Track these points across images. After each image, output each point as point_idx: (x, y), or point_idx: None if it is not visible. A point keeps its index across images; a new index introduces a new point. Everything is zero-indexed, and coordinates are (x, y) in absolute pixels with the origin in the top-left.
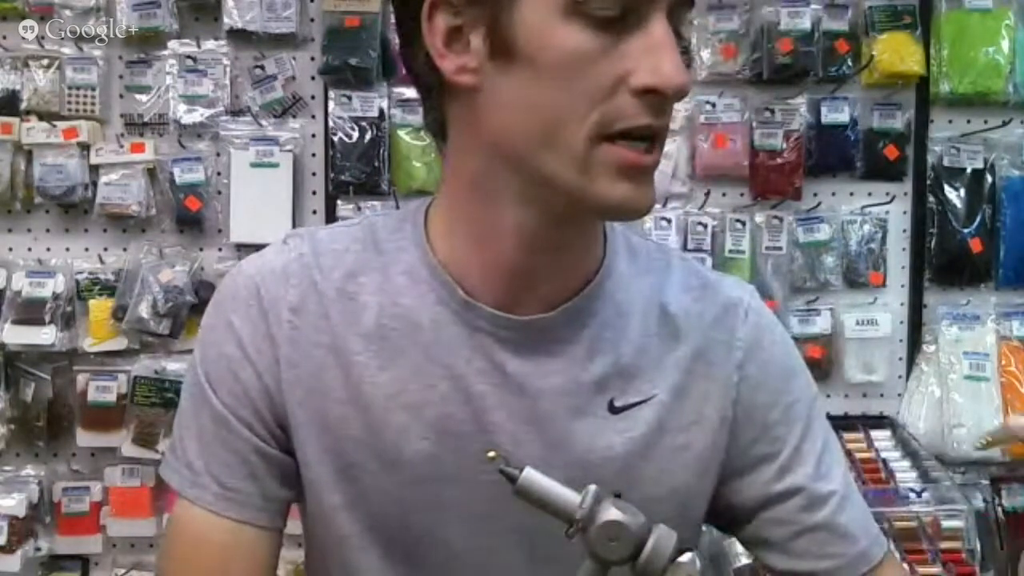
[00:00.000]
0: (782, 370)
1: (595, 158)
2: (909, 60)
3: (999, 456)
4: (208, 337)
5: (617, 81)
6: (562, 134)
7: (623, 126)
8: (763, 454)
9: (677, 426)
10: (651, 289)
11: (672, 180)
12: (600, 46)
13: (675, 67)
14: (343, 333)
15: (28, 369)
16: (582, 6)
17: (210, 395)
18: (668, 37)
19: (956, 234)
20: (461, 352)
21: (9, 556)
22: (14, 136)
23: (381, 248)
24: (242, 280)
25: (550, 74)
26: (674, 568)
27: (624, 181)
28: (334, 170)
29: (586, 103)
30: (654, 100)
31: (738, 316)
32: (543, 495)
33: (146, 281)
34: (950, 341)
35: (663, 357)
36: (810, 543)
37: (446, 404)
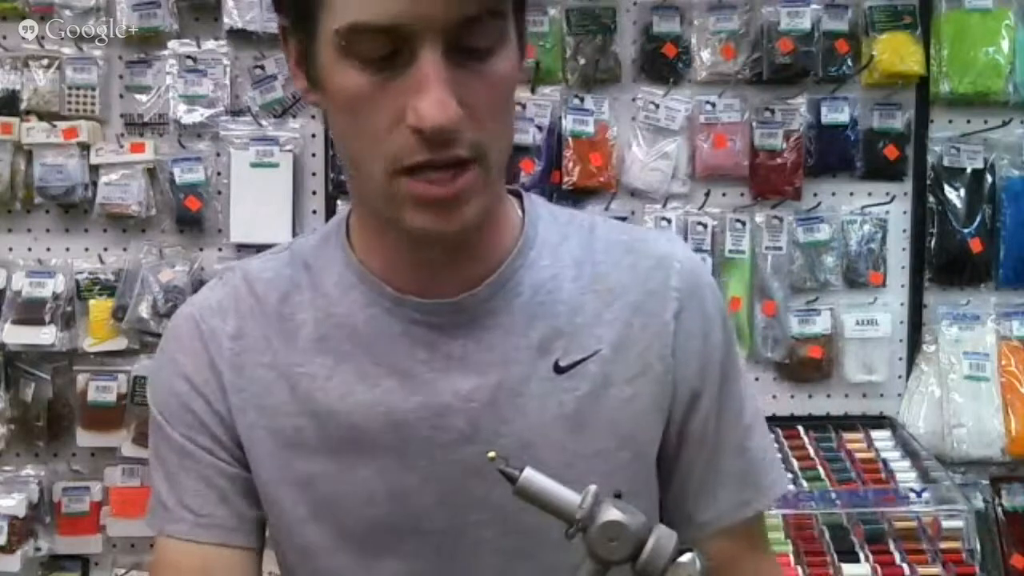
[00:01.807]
0: (713, 317)
1: (395, 191)
2: (909, 60)
3: (999, 456)
4: (157, 378)
5: (396, 119)
6: (364, 166)
7: (407, 163)
8: (690, 396)
9: (623, 378)
10: (579, 249)
11: (672, 180)
12: (372, 85)
13: (433, 105)
14: (285, 351)
15: (28, 369)
16: (346, 48)
17: (169, 431)
18: (432, 72)
19: (956, 234)
20: (401, 346)
21: (9, 556)
22: (14, 136)
23: (309, 266)
24: (181, 320)
25: (340, 112)
26: (674, 568)
27: (425, 212)
28: (334, 170)
29: (372, 141)
30: (429, 137)
31: (672, 268)
32: (543, 495)
33: (146, 281)
34: (950, 341)
35: (601, 313)
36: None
37: (394, 398)
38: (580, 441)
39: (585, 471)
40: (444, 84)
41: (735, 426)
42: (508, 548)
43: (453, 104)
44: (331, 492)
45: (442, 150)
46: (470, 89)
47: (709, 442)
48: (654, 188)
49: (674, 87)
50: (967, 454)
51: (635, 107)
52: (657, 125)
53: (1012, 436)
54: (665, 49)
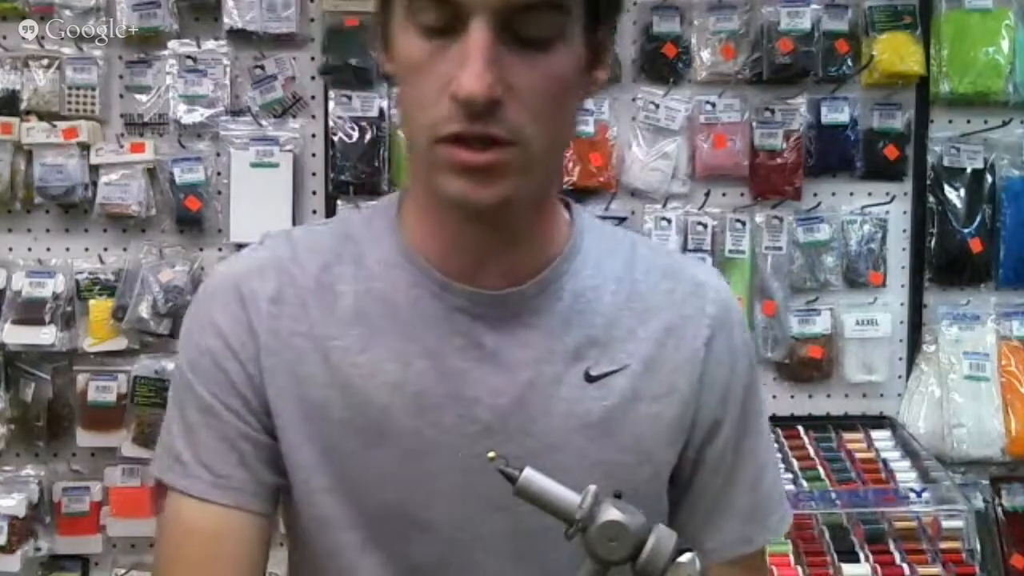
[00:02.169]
0: (740, 349)
1: (434, 157)
2: (909, 60)
3: (999, 456)
4: (190, 334)
5: (442, 87)
6: (413, 135)
7: (444, 131)
8: (710, 424)
9: (650, 395)
10: (621, 267)
11: (672, 180)
12: (428, 52)
13: (472, 76)
14: (322, 321)
15: (28, 369)
16: (412, 14)
17: (197, 388)
18: (477, 45)
19: (956, 234)
20: (438, 330)
21: (9, 556)
22: (14, 136)
23: (355, 240)
24: (220, 279)
25: (401, 79)
26: (674, 568)
27: (460, 178)
28: (334, 170)
29: (421, 107)
30: (463, 106)
31: (707, 296)
32: (543, 495)
33: (146, 281)
34: (950, 341)
35: (635, 329)
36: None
37: (425, 381)
38: (603, 450)
39: (604, 481)
40: (486, 58)
41: (750, 461)
42: (516, 546)
43: (490, 79)
44: (351, 467)
45: (477, 123)
46: (517, 73)
47: (723, 473)
48: (654, 188)
49: (674, 87)
50: (967, 454)
51: (635, 107)
52: (657, 125)
53: (1012, 436)
54: (665, 49)
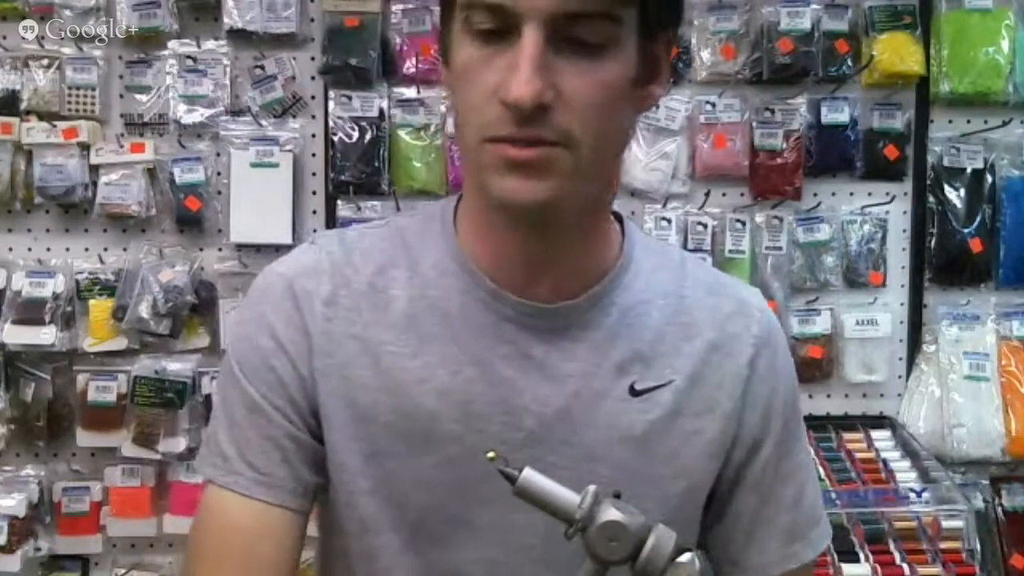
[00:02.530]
0: (783, 369)
1: (482, 156)
2: (909, 60)
3: (999, 456)
4: (241, 331)
5: (494, 91)
6: (464, 138)
7: (494, 133)
8: (752, 442)
9: (692, 411)
10: (669, 282)
11: (672, 180)
12: (482, 57)
13: (521, 81)
14: (374, 324)
15: (28, 369)
16: (467, 22)
17: (245, 385)
18: (527, 51)
19: (956, 234)
20: (488, 339)
21: (9, 556)
22: (14, 136)
23: (409, 245)
24: (274, 277)
25: (456, 83)
26: (674, 568)
27: (509, 175)
28: (334, 170)
29: (471, 111)
30: (512, 110)
31: (752, 315)
32: (542, 495)
33: (146, 281)
34: (950, 341)
35: (680, 345)
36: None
37: (473, 388)
38: (642, 464)
39: (641, 494)
40: (535, 64)
41: (792, 479)
42: (551, 555)
43: (538, 84)
44: (395, 471)
45: (526, 126)
46: (568, 79)
47: (764, 491)
48: (654, 188)
49: (674, 87)
50: (967, 454)
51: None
52: (657, 125)
53: (1012, 436)
54: None
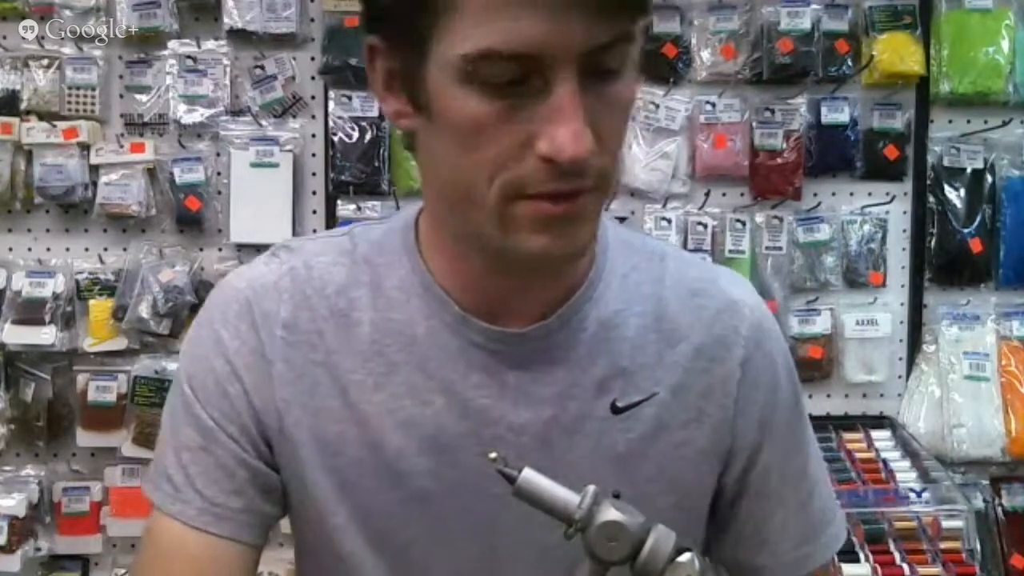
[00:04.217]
0: (780, 368)
1: (511, 214)
2: (909, 60)
3: (999, 456)
4: (195, 351)
5: (523, 145)
6: (475, 193)
7: (532, 191)
8: (752, 447)
9: (677, 423)
10: (648, 286)
11: (672, 180)
12: (499, 112)
13: (572, 137)
14: (338, 350)
15: (28, 369)
16: (473, 74)
17: (197, 409)
18: (570, 101)
19: (956, 234)
20: (457, 366)
21: (9, 556)
22: (14, 136)
23: (372, 261)
24: (232, 293)
25: (455, 137)
26: (673, 568)
27: (540, 233)
28: (334, 170)
29: (492, 167)
30: (556, 166)
31: (741, 314)
32: (542, 496)
33: (146, 281)
34: (950, 341)
35: (663, 354)
36: (757, 536)
37: (443, 419)
38: (625, 483)
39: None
40: (581, 114)
41: (799, 481)
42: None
43: (589, 136)
44: (369, 505)
45: (572, 180)
46: (599, 116)
47: (771, 496)
48: (654, 188)
49: (674, 87)
50: (967, 454)
51: (635, 107)
52: (657, 125)
53: (1012, 436)
54: (665, 49)
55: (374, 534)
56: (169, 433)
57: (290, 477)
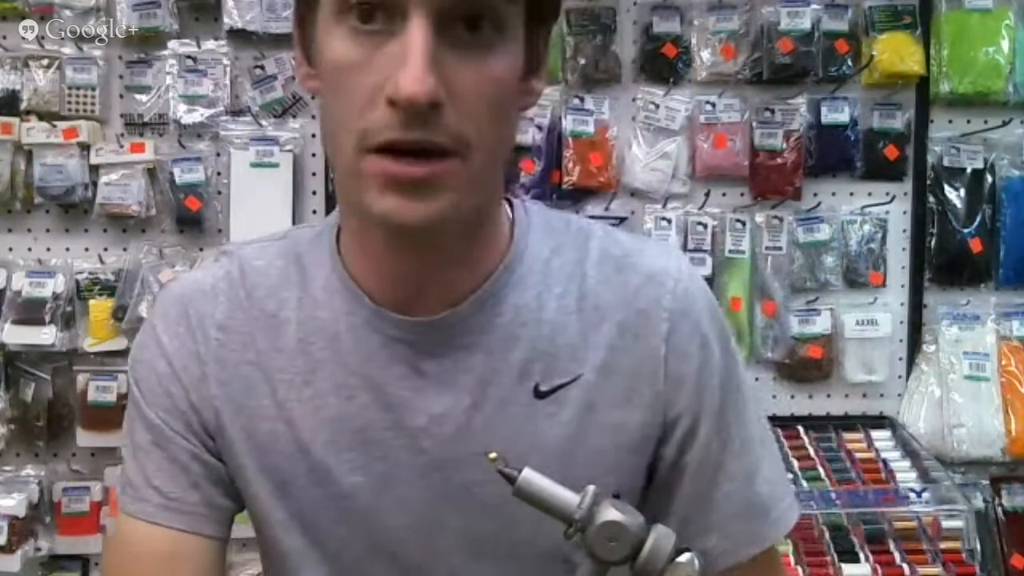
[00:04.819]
0: (710, 337)
1: (361, 169)
2: (909, 60)
3: (999, 456)
4: (140, 355)
5: (375, 90)
6: (339, 144)
7: (377, 140)
8: (687, 422)
9: (608, 404)
10: (571, 265)
11: (672, 180)
12: (361, 54)
13: (413, 77)
14: (268, 351)
15: (28, 369)
16: (339, 16)
17: (145, 410)
18: (417, 43)
19: (956, 234)
20: (378, 360)
21: (9, 556)
22: (14, 136)
23: (302, 263)
24: (171, 298)
25: (327, 82)
26: (673, 568)
27: (391, 194)
28: (334, 170)
29: (351, 114)
30: (401, 112)
31: (664, 285)
32: (542, 496)
33: (146, 281)
34: (950, 341)
35: (586, 334)
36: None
37: (367, 414)
38: (561, 470)
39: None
40: (426, 57)
41: (740, 455)
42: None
43: (432, 79)
44: (304, 503)
45: (417, 130)
46: (460, 77)
47: (710, 472)
48: (654, 188)
49: (674, 87)
50: (967, 454)
51: (635, 107)
52: (657, 125)
53: (1012, 436)
54: (665, 49)
55: (310, 532)
56: (127, 437)
57: (233, 475)
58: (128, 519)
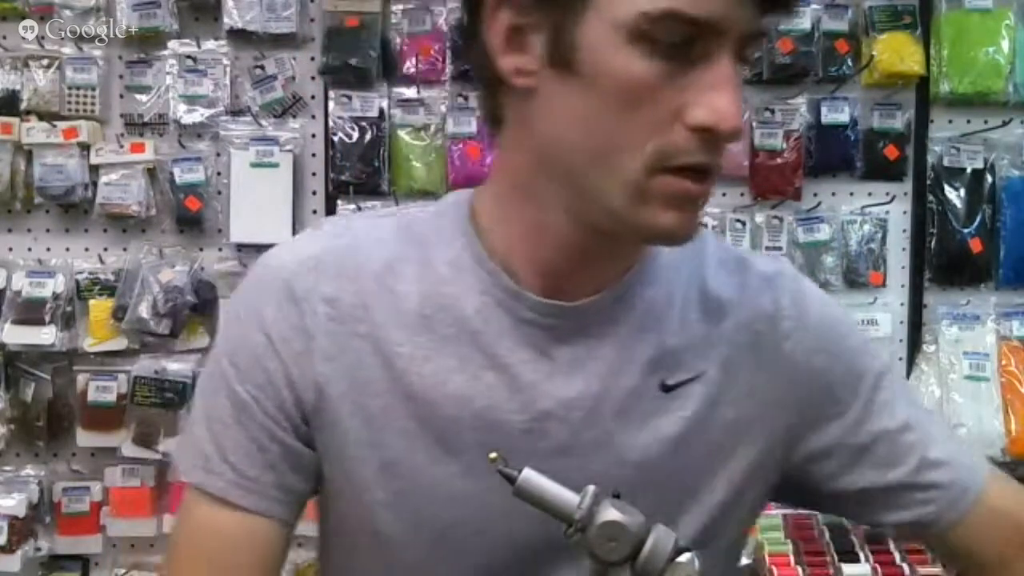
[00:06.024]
0: (833, 331)
1: (651, 187)
2: (909, 60)
3: (999, 456)
4: (234, 325)
5: (674, 113)
6: (617, 159)
7: (679, 162)
8: (832, 415)
9: (729, 399)
10: (691, 270)
11: None
12: (661, 75)
13: (732, 107)
14: (383, 323)
15: (28, 369)
16: (648, 32)
17: (234, 383)
18: (731, 75)
19: (956, 234)
20: (507, 341)
21: (9, 556)
22: (14, 136)
23: (421, 239)
24: (274, 268)
25: (608, 98)
26: (673, 568)
27: (673, 210)
28: (334, 170)
29: (643, 133)
30: (708, 137)
31: (780, 287)
32: (542, 495)
33: (146, 281)
34: (950, 341)
35: (709, 334)
36: (902, 491)
37: (493, 394)
38: (680, 463)
39: (680, 493)
40: (739, 88)
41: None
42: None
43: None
44: (412, 481)
45: (716, 155)
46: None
47: (881, 453)
48: None
49: None
50: None
51: None
52: None
53: (1012, 436)
54: None
55: (415, 513)
56: (202, 408)
57: (328, 453)
58: (197, 492)
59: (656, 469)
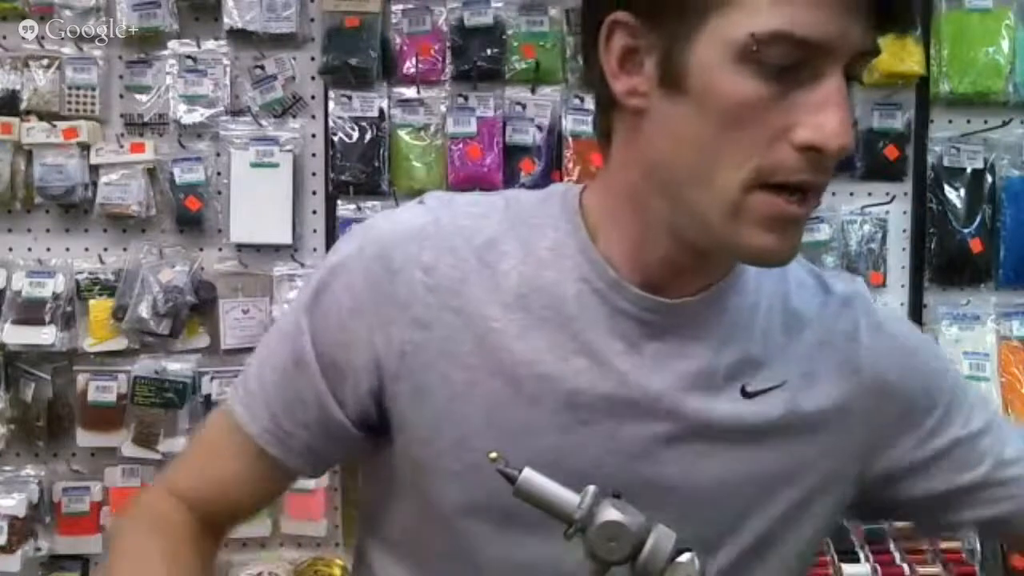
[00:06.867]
0: (909, 349)
1: (747, 205)
2: (909, 60)
3: None
4: (324, 283)
5: (780, 132)
6: (718, 176)
7: (781, 179)
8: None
9: (807, 410)
10: (775, 284)
11: None
12: (769, 95)
13: (841, 126)
14: (481, 299)
15: (28, 369)
16: (756, 53)
17: (306, 339)
18: (840, 93)
19: (956, 234)
20: (600, 329)
21: (9, 556)
22: (14, 136)
23: (526, 221)
24: (372, 237)
25: (714, 117)
26: (673, 568)
27: (772, 231)
28: (334, 170)
29: (746, 151)
30: (814, 156)
31: (857, 308)
32: (542, 495)
33: (146, 281)
34: (950, 341)
35: (788, 347)
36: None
37: (581, 378)
38: (754, 464)
39: (751, 492)
40: (848, 106)
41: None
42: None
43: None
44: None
45: (820, 173)
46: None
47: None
48: None
49: None
50: None
51: None
52: None
53: None
54: None
55: (487, 489)
56: (265, 348)
57: (404, 420)
58: (231, 414)
59: (731, 468)
